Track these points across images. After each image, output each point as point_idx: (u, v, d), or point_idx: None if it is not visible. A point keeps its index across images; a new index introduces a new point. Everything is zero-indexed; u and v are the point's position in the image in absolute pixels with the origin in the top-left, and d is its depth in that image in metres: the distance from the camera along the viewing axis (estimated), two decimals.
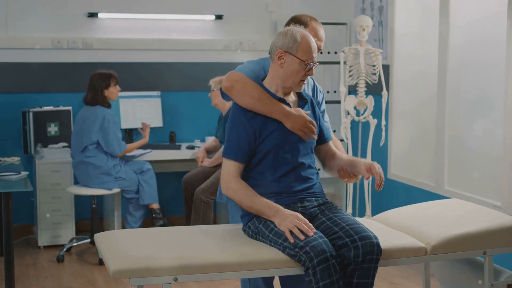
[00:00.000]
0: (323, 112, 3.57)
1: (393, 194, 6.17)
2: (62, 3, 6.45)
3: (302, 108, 3.24)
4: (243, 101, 3.14)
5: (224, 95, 3.24)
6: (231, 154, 3.16)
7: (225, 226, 3.47)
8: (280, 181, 3.17)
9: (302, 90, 3.27)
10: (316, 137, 3.25)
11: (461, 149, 5.39)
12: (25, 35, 6.35)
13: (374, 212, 5.57)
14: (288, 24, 3.45)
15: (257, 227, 3.13)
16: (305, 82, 3.20)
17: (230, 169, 3.15)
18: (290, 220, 2.99)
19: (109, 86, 5.82)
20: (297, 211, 3.12)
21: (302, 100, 3.30)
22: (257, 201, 3.08)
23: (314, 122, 3.21)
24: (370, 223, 3.41)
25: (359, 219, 3.34)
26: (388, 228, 3.46)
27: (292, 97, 3.30)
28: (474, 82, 5.26)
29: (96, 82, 5.81)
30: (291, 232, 2.96)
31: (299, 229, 2.95)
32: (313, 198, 3.23)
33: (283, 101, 3.18)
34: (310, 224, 3.00)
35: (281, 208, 3.06)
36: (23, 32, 6.35)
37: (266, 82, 3.24)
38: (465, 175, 5.33)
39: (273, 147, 3.16)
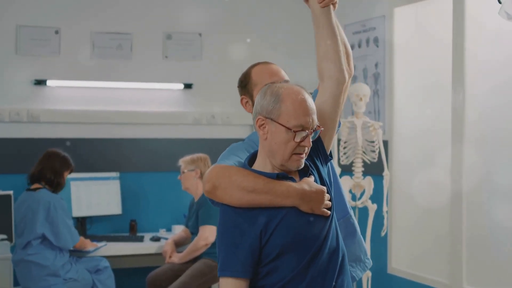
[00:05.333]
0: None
1: None
2: (2, 69, 5.97)
3: (305, 176, 2.56)
4: (235, 199, 2.48)
5: (213, 202, 2.60)
6: (229, 271, 2.45)
7: None
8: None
9: (301, 166, 2.52)
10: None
11: (483, 239, 4.92)
12: None
13: None
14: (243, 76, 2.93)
15: None
16: (303, 156, 2.49)
17: None
18: None
19: (67, 170, 5.48)
20: None
21: (301, 168, 2.55)
22: None
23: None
24: None
25: None
26: None
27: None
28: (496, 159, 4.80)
29: (57, 161, 5.43)
30: None
31: None
32: None
33: (283, 176, 2.49)
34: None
35: None
36: None
37: (257, 164, 2.53)
38: (489, 271, 4.85)
39: (287, 242, 2.45)
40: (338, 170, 5.39)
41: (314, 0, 2.60)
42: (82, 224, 6.02)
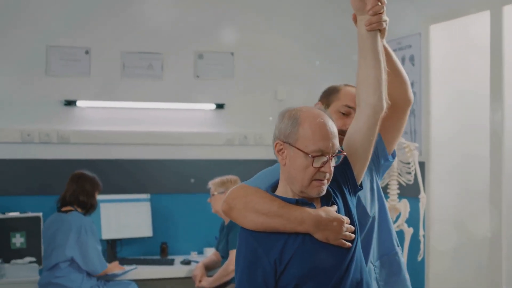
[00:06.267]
0: None
1: None
2: (32, 90, 5.94)
3: (328, 205, 2.44)
4: (248, 222, 2.43)
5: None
6: None
7: None
8: None
9: (322, 193, 2.41)
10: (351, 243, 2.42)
11: None
12: None
13: None
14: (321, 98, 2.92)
15: None
16: (324, 182, 2.37)
17: None
18: None
19: (96, 191, 5.41)
20: None
21: (323, 195, 2.44)
22: None
23: (349, 219, 2.45)
24: None
25: None
26: None
27: None
28: None
29: (88, 183, 5.36)
30: None
31: None
32: None
33: (303, 202, 2.40)
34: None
35: None
36: None
37: (279, 190, 2.48)
38: None
39: (304, 274, 2.33)
40: None
41: (362, 22, 2.49)
42: (112, 246, 5.95)
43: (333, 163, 2.35)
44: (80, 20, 5.96)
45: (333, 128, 2.37)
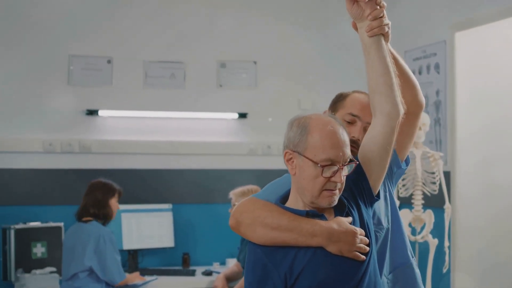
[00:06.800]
0: None
1: None
2: (54, 99, 5.93)
3: (342, 216, 2.36)
4: (258, 237, 2.34)
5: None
6: None
7: None
8: None
9: (333, 203, 2.33)
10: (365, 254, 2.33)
11: None
12: (11, 137, 5.83)
13: None
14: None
15: None
16: (336, 192, 2.29)
17: None
18: None
19: (113, 197, 5.29)
20: None
21: (337, 206, 2.35)
22: None
23: (364, 231, 2.35)
24: None
25: None
26: None
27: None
28: None
29: (99, 192, 5.27)
30: None
31: None
32: None
33: (313, 214, 2.31)
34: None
35: None
36: (8, 133, 5.84)
37: (289, 201, 2.40)
38: None
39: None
40: (397, 203, 5.15)
41: (363, 30, 2.39)
42: (134, 257, 5.92)
43: (345, 172, 2.27)
44: (102, 29, 5.97)
45: (344, 136, 2.29)
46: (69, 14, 5.88)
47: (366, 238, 2.31)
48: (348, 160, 2.27)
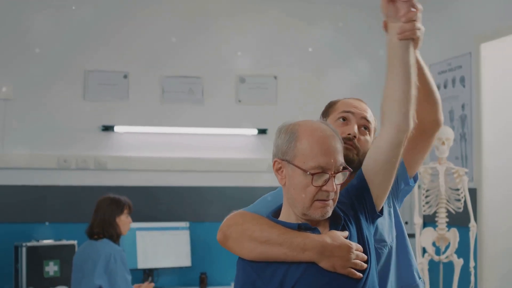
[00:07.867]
0: None
1: None
2: (70, 114, 5.95)
3: (337, 229, 2.23)
4: (246, 252, 2.23)
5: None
6: None
7: None
8: None
9: (327, 215, 2.18)
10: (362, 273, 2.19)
11: None
12: (25, 152, 5.82)
13: None
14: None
15: None
16: (328, 203, 2.15)
17: None
18: None
19: (121, 214, 5.15)
20: None
21: (333, 219, 2.22)
22: None
23: (361, 247, 2.22)
24: None
25: None
26: None
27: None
28: None
29: (105, 210, 5.14)
30: None
31: None
32: None
33: (306, 227, 2.18)
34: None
35: None
36: (22, 148, 5.83)
37: (282, 214, 2.27)
38: None
39: None
40: (419, 221, 5.15)
41: (394, 30, 2.23)
42: (149, 276, 5.88)
43: (338, 181, 2.13)
44: (118, 44, 5.97)
45: (336, 142, 2.15)
46: (85, 28, 5.90)
47: (363, 254, 2.17)
48: (341, 168, 2.13)
